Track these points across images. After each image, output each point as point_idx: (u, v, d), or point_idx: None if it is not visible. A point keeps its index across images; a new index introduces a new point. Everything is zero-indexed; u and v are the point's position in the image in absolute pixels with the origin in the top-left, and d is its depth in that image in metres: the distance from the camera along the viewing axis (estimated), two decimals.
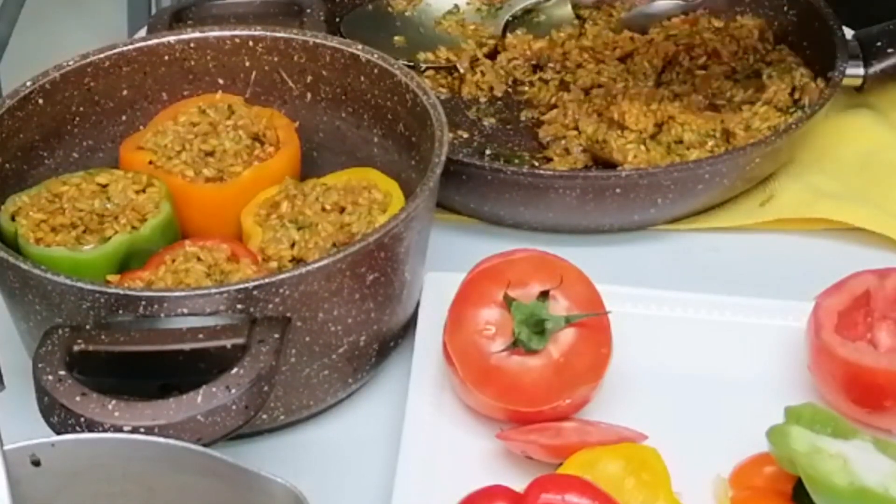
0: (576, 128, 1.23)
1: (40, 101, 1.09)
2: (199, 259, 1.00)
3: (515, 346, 0.96)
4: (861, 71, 1.24)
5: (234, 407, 0.86)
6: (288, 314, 0.92)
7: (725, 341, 1.05)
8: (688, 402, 1.00)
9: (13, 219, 1.03)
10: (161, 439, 0.83)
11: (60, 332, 0.90)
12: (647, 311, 1.06)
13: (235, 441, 0.92)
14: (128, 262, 1.03)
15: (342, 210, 1.05)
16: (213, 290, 0.91)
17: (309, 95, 1.15)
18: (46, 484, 0.82)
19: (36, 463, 0.81)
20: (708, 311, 1.06)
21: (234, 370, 0.87)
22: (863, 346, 0.98)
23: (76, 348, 0.89)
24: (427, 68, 1.33)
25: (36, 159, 1.10)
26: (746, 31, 1.33)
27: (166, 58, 1.14)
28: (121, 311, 0.91)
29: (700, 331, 1.05)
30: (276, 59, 1.15)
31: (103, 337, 0.90)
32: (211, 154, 1.09)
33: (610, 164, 1.20)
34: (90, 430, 0.84)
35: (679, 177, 1.14)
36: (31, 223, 1.02)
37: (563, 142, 1.23)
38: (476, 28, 1.38)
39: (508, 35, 1.37)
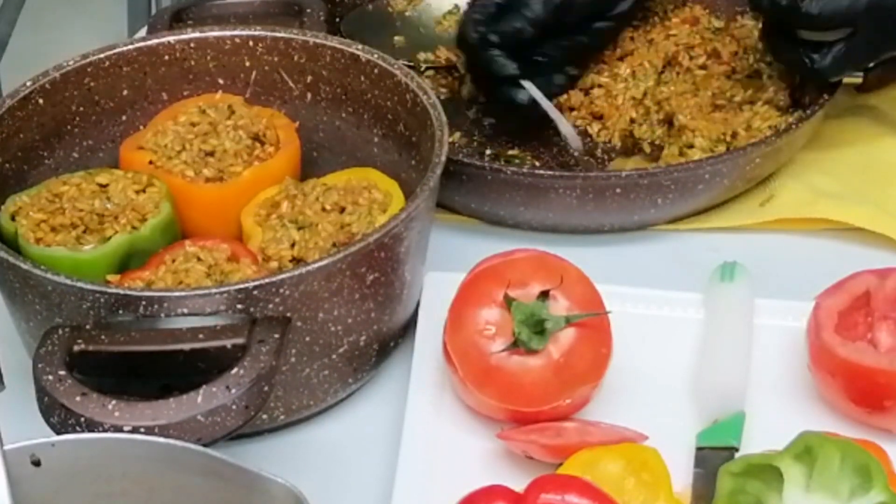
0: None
1: (40, 101, 1.09)
2: (199, 259, 1.00)
3: (515, 346, 0.96)
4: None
5: (234, 407, 0.86)
6: (288, 314, 0.92)
7: None
8: (688, 402, 1.00)
9: (13, 219, 1.03)
10: (161, 439, 0.83)
11: (60, 332, 0.90)
12: (647, 311, 1.06)
13: (235, 441, 0.92)
14: (128, 262, 1.03)
15: (342, 210, 1.05)
16: (213, 290, 0.91)
17: (309, 95, 1.15)
18: (46, 484, 0.82)
19: (36, 463, 0.81)
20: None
21: (234, 370, 0.87)
22: (863, 346, 0.98)
23: (76, 348, 0.89)
24: (427, 68, 1.33)
25: (36, 159, 1.10)
26: (746, 31, 1.32)
27: (166, 58, 1.14)
28: (121, 311, 0.91)
29: (700, 331, 1.04)
30: (276, 59, 1.15)
31: (103, 337, 0.90)
32: (211, 154, 1.09)
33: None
34: (90, 430, 0.84)
35: (679, 177, 1.14)
36: (31, 223, 1.02)
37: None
38: None
39: None
